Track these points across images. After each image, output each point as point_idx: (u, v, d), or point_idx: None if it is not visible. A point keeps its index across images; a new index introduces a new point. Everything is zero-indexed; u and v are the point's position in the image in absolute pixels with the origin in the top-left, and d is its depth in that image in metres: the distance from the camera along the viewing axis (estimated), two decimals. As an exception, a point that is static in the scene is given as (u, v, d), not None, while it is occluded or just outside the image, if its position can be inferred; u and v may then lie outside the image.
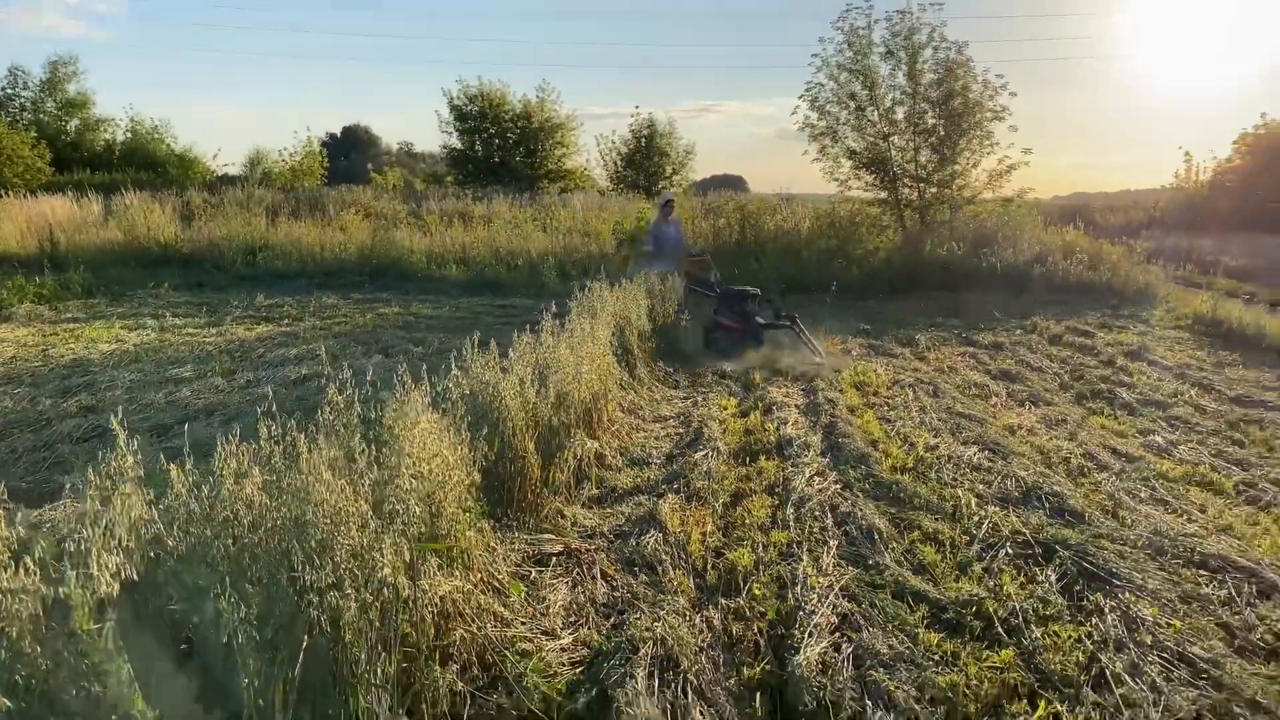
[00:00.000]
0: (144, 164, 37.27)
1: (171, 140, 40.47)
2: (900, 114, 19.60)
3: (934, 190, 19.86)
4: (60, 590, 2.01)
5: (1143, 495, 5.68)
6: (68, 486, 2.54)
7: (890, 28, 19.13)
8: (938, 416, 7.50)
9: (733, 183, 53.10)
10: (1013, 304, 14.45)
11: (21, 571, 2.00)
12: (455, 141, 35.49)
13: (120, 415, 2.65)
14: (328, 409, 3.37)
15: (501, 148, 34.84)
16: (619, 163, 37.23)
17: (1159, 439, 6.99)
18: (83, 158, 37.68)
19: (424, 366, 4.35)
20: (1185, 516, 5.31)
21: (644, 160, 36.85)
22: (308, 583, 2.46)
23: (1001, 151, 19.17)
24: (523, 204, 24.60)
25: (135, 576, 2.20)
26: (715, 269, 12.17)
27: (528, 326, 5.93)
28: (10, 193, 24.04)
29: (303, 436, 2.98)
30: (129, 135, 40.42)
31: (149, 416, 7.15)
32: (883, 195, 20.14)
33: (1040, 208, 28.60)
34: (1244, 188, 33.60)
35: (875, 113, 19.63)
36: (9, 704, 1.83)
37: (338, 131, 70.62)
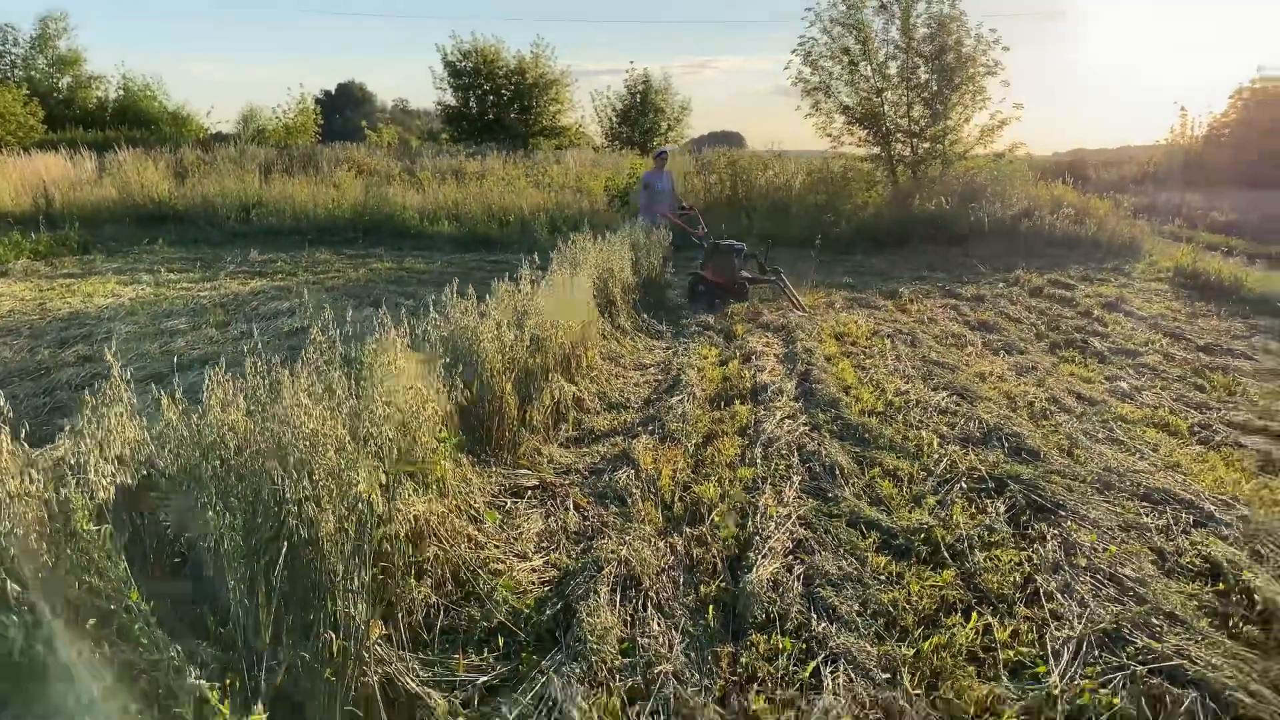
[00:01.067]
0: (137, 122, 37.13)
1: (164, 98, 40.26)
2: (893, 69, 19.65)
3: (927, 145, 19.95)
4: (62, 494, 2.25)
5: (1100, 436, 5.93)
6: (66, 428, 2.74)
7: (884, -20, 19.11)
8: (912, 365, 7.74)
9: (730, 139, 52.85)
10: (999, 258, 14.65)
11: (26, 479, 2.24)
12: (450, 98, 35.34)
13: (114, 349, 2.87)
14: (310, 348, 3.61)
15: (496, 104, 34.70)
16: (614, 119, 37.15)
17: (1124, 385, 7.23)
18: (75, 115, 37.50)
19: (404, 314, 4.57)
20: (1137, 455, 5.56)
21: (639, 117, 36.76)
22: (287, 497, 2.70)
23: (994, 107, 19.27)
24: (517, 161, 24.66)
25: (131, 482, 2.44)
26: (702, 222, 12.28)
27: (507, 276, 6.15)
28: (4, 150, 24.07)
29: (287, 372, 3.21)
30: (121, 93, 40.18)
31: (144, 365, 7.37)
32: (875, 151, 20.23)
33: (1039, 163, 28.71)
34: (1238, 143, 33.63)
35: (868, 67, 19.65)
36: (18, 588, 2.07)
37: (332, 89, 70.20)
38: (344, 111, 63.39)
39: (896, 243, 16.28)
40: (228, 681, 2.41)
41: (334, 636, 2.66)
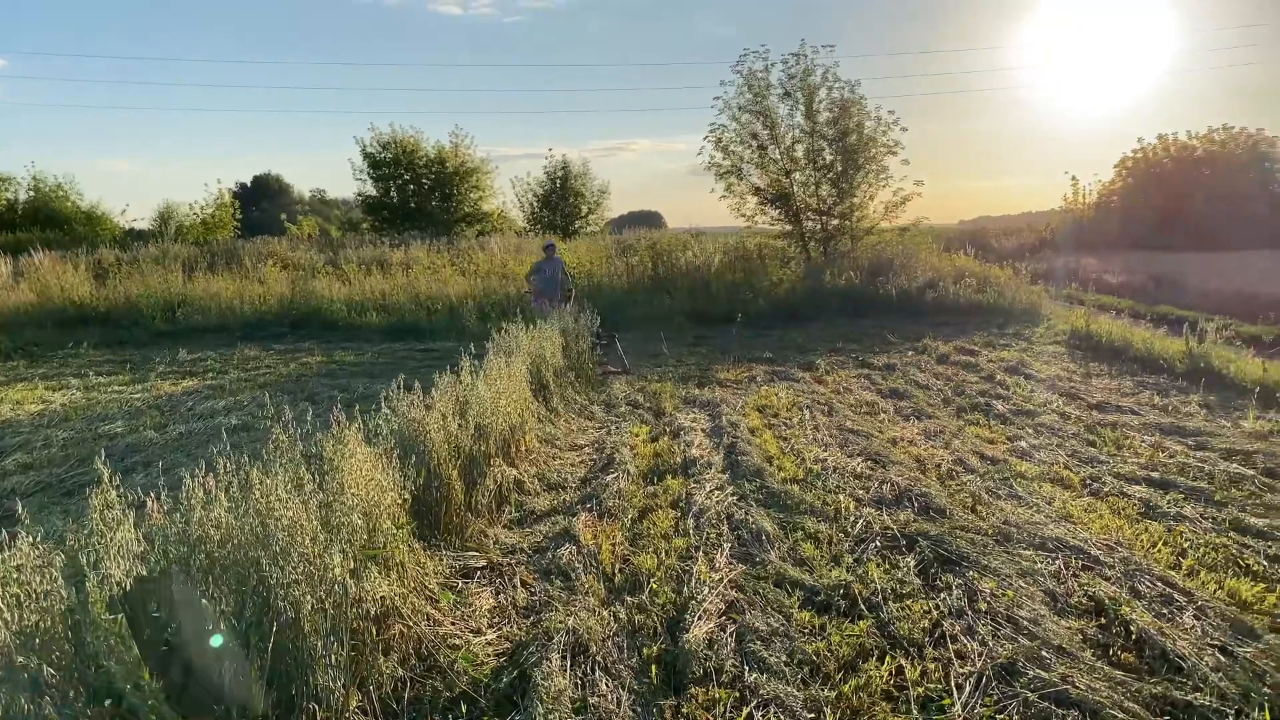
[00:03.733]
0: (49, 222, 36.60)
1: (77, 197, 39.83)
2: (800, 151, 20.74)
3: (835, 222, 21.00)
4: (78, 590, 2.54)
5: (1001, 493, 6.46)
6: (22, 534, 3.00)
7: (786, 70, 20.29)
8: (829, 433, 8.26)
9: (649, 219, 54.13)
10: (907, 327, 15.47)
11: (48, 579, 2.53)
12: (370, 189, 35.80)
13: (103, 456, 3.17)
14: (271, 445, 3.93)
15: (417, 193, 35.25)
16: (535, 204, 37.95)
17: (1024, 444, 7.81)
18: (-18, 219, 36.86)
19: (355, 409, 4.91)
20: (1034, 509, 6.09)
21: (560, 201, 37.62)
22: (273, 581, 3.01)
23: (896, 183, 20.44)
24: (440, 249, 25.06)
25: (144, 572, 2.74)
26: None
27: (449, 367, 6.52)
28: (-91, 257, 23.64)
29: (255, 469, 3.54)
30: (31, 193, 39.66)
31: (86, 471, 7.48)
32: (788, 228, 21.18)
33: (944, 234, 30.17)
34: (1125, 208, 35.77)
35: (776, 150, 20.73)
36: (53, 671, 2.35)
37: (249, 182, 70.21)
38: (261, 204, 63.32)
39: (811, 316, 17.05)
40: (224, 753, 2.69)
41: (317, 707, 2.96)
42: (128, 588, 2.82)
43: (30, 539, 2.64)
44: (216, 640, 2.83)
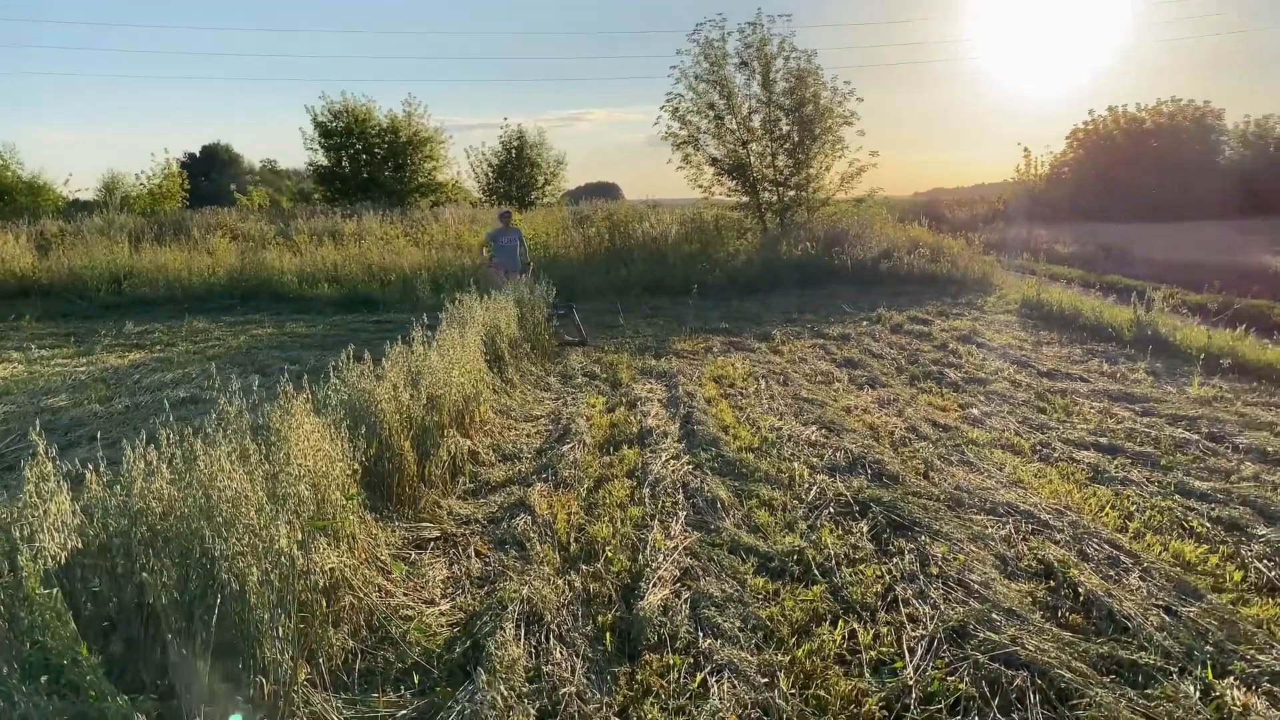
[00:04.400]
0: (-11, 192, 35.63)
1: (18, 167, 38.69)
2: (757, 121, 20.73)
3: (792, 193, 21.03)
4: (11, 565, 2.46)
5: (953, 459, 6.53)
6: None
7: (743, 39, 20.21)
8: (785, 402, 8.29)
9: (606, 190, 53.84)
10: (862, 298, 15.58)
11: (-23, 552, 2.45)
12: (321, 158, 35.13)
13: (38, 428, 3.08)
14: (214, 416, 3.85)
15: (370, 163, 34.70)
16: (490, 175, 37.57)
17: (975, 411, 7.90)
18: (-80, 188, 35.76)
19: (304, 379, 4.82)
20: (985, 474, 6.16)
21: (515, 171, 37.29)
22: (217, 553, 2.94)
23: (851, 154, 20.50)
24: (394, 219, 24.74)
25: (80, 545, 2.66)
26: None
27: (400, 338, 6.43)
28: None
29: (199, 440, 3.45)
30: (-29, 163, 38.52)
31: (27, 446, 7.28)
32: (744, 199, 21.17)
33: (899, 205, 30.36)
34: (1076, 179, 36.21)
35: (733, 121, 20.68)
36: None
37: (197, 152, 68.69)
38: (210, 174, 62.04)
39: (768, 287, 17.09)
40: (169, 728, 2.64)
41: (265, 680, 2.91)
42: (63, 561, 2.74)
43: (-40, 512, 2.56)
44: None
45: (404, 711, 3.33)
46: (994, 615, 3.98)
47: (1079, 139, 37.90)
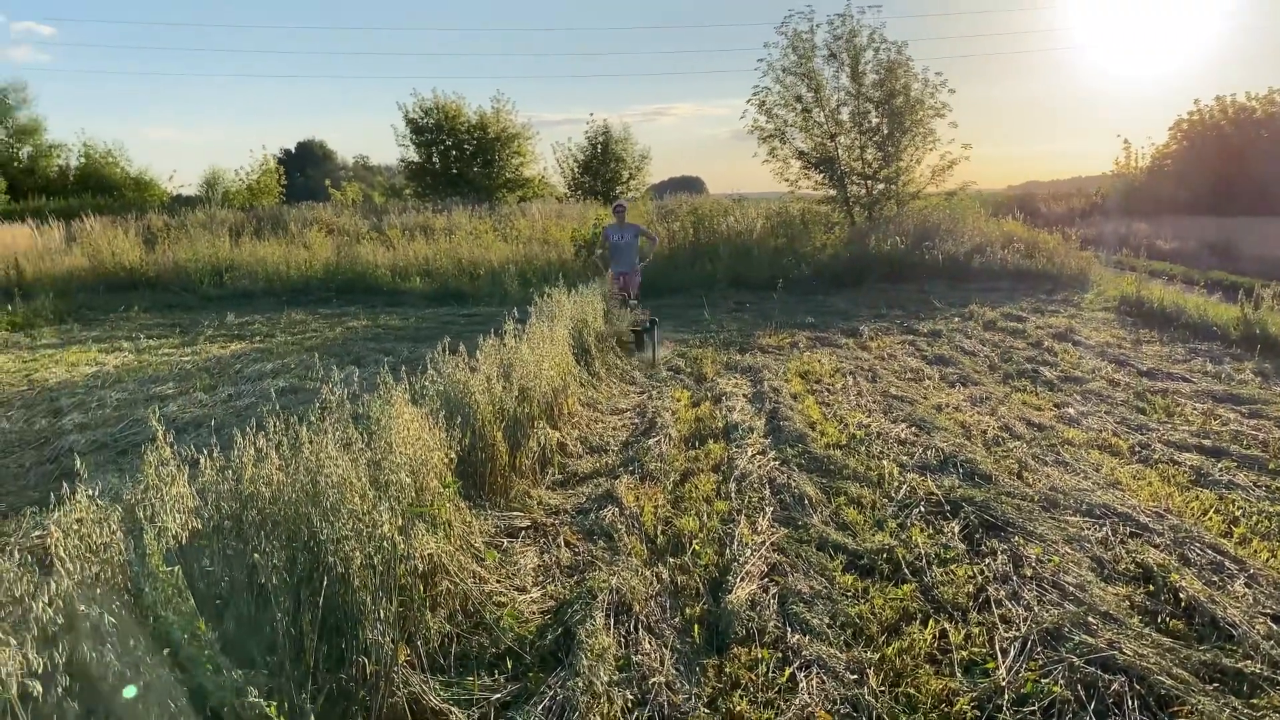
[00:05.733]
0: (100, 188, 37.27)
1: (126, 163, 40.45)
2: (845, 114, 20.47)
3: (881, 187, 20.73)
4: (136, 543, 2.61)
5: (1047, 460, 6.39)
6: (81, 489, 3.07)
7: (831, 31, 19.97)
8: (873, 399, 8.21)
9: (691, 184, 53.72)
10: (953, 293, 15.28)
11: (106, 531, 2.60)
12: (413, 154, 35.86)
13: (157, 415, 3.24)
14: (316, 405, 4.00)
15: (459, 159, 35.26)
16: (576, 170, 37.82)
17: (1071, 411, 7.71)
18: (37, 184, 37.63)
19: (401, 370, 4.96)
20: (1081, 475, 6.02)
21: (600, 166, 37.47)
22: (324, 537, 3.07)
23: (943, 147, 20.10)
24: (482, 214, 25.13)
25: (200, 525, 2.81)
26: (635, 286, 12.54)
27: (492, 331, 6.56)
28: (-34, 224, 24.22)
29: (304, 428, 3.59)
30: (83, 160, 40.35)
31: (140, 431, 7.65)
32: (832, 193, 20.94)
33: (992, 199, 29.70)
34: (1179, 172, 34.83)
35: (821, 114, 20.44)
36: (113, 621, 2.42)
37: (293, 148, 70.76)
38: (305, 169, 63.79)
39: (855, 282, 16.89)
40: (278, 701, 2.76)
41: (366, 660, 3.02)
42: (183, 541, 2.89)
43: (89, 493, 2.71)
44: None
45: (498, 695, 3.42)
46: (1090, 618, 3.90)
47: (1183, 130, 36.39)
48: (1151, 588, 4.32)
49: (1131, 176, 36.37)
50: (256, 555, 2.91)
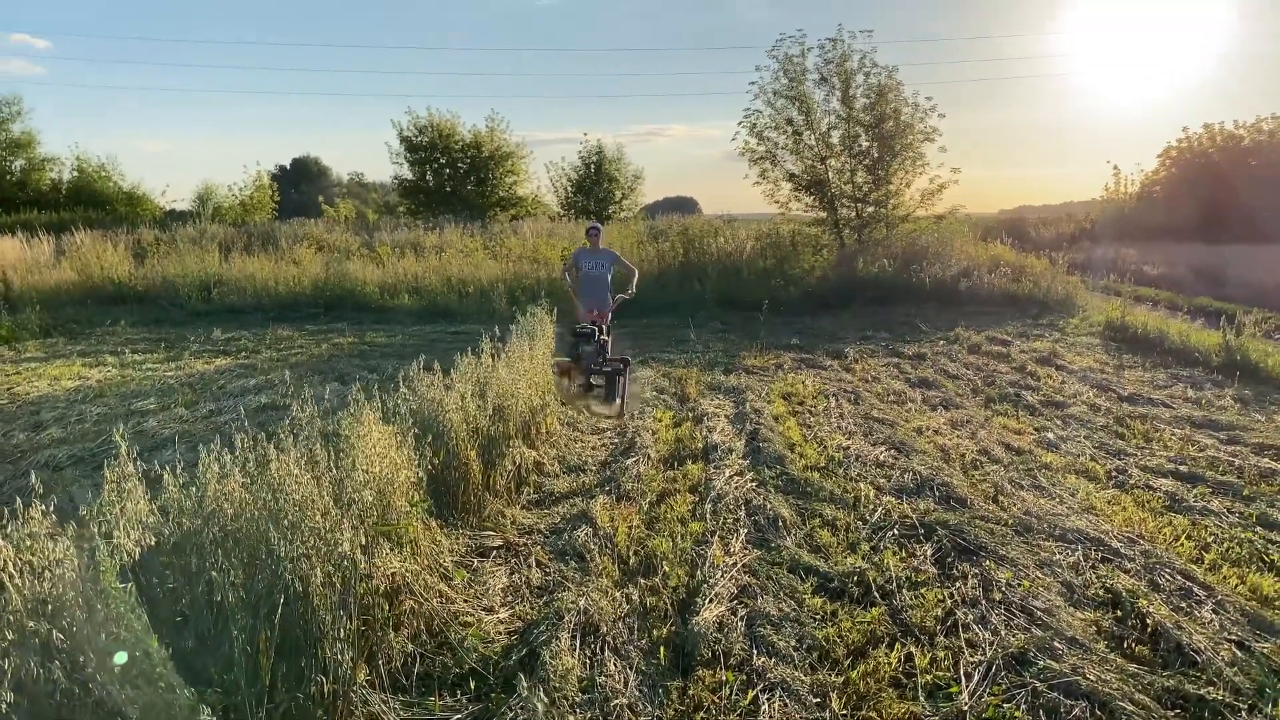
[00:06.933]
0: (91, 202, 37.21)
1: (119, 178, 40.39)
2: (836, 137, 20.51)
3: (870, 209, 20.78)
4: (93, 555, 2.60)
5: (1024, 484, 6.40)
6: (35, 504, 3.05)
7: (823, 55, 20.04)
8: (854, 422, 8.22)
9: (684, 205, 53.92)
10: (940, 316, 15.35)
11: (59, 548, 2.59)
12: (406, 172, 35.92)
13: (128, 431, 3.23)
14: (288, 423, 3.99)
15: (452, 177, 35.34)
16: (569, 189, 37.90)
17: (1051, 435, 7.73)
18: (28, 197, 37.58)
19: (376, 388, 4.97)
20: (1057, 500, 6.04)
21: (594, 186, 37.55)
22: (282, 554, 3.06)
23: (933, 171, 20.19)
24: (474, 232, 25.15)
25: (154, 542, 2.81)
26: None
27: (469, 349, 6.57)
28: (-45, 236, 24.17)
29: (271, 446, 3.59)
30: (75, 174, 40.32)
31: (115, 446, 7.61)
32: (822, 215, 21.01)
33: (982, 222, 29.78)
34: (1168, 198, 35.04)
35: (812, 137, 20.50)
36: (63, 638, 2.41)
37: (287, 164, 70.88)
38: (300, 186, 63.87)
39: (842, 304, 16.94)
40: (234, 719, 2.75)
41: (324, 679, 3.01)
42: (138, 557, 2.88)
43: (42, 508, 2.70)
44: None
45: (459, 716, 3.41)
46: (1056, 643, 3.90)
47: (1172, 157, 36.65)
48: (1119, 613, 4.33)
49: (1121, 202, 36.59)
50: (214, 573, 2.90)
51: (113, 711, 2.47)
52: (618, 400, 8.75)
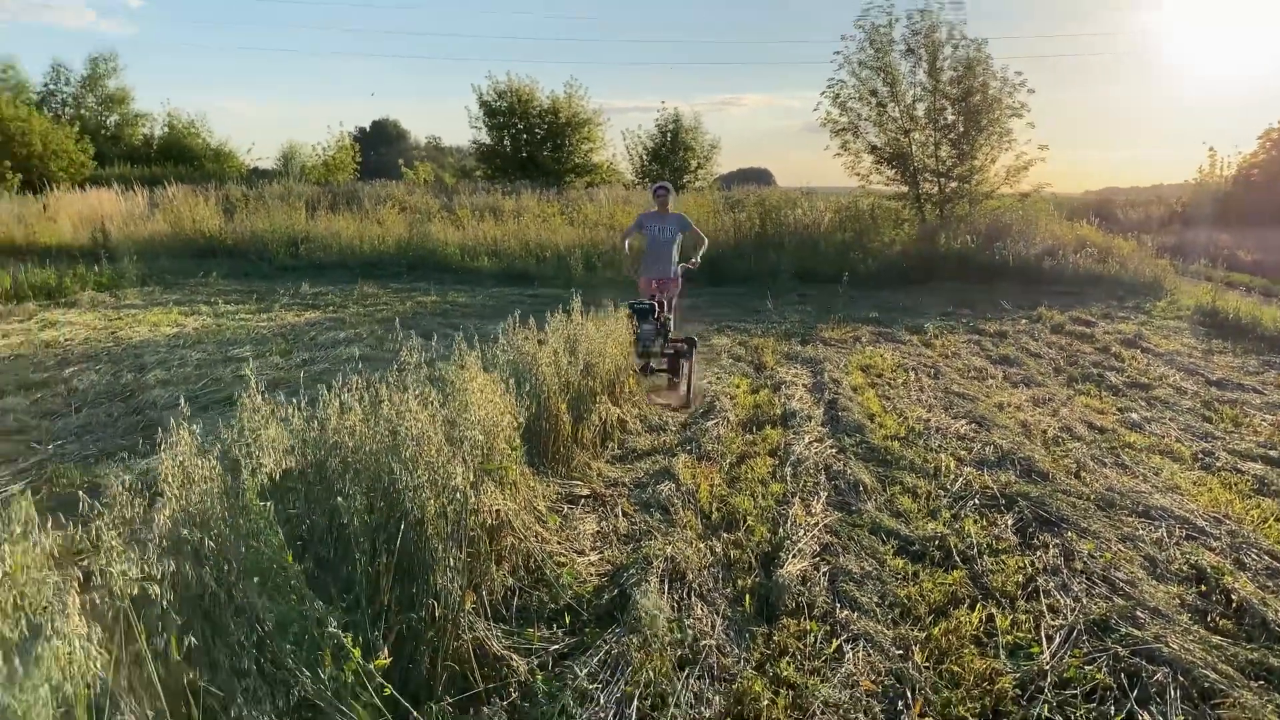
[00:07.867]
0: (181, 158, 38.48)
1: (208, 135, 41.66)
2: (920, 110, 20.21)
3: (954, 185, 20.46)
4: (234, 477, 2.83)
5: (1106, 461, 6.38)
6: (182, 428, 3.26)
7: (910, 26, 19.72)
8: (934, 395, 8.23)
9: (759, 176, 53.41)
10: (1023, 295, 15.11)
11: (206, 465, 2.82)
12: (485, 137, 36.18)
13: (252, 364, 3.46)
14: (395, 367, 4.21)
15: (530, 143, 35.53)
16: (645, 157, 37.87)
17: (1135, 416, 7.65)
18: (121, 152, 38.91)
19: (475, 340, 5.16)
20: (1140, 478, 6.01)
21: (669, 155, 37.46)
22: (402, 485, 3.26)
23: (1019, 147, 19.77)
24: (550, 198, 25.36)
25: (293, 465, 3.03)
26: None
27: (560, 308, 6.74)
28: (59, 186, 25.19)
29: (384, 386, 3.79)
30: (166, 130, 41.67)
31: (219, 390, 8.00)
32: (903, 189, 20.76)
33: (1068, 202, 29.10)
34: (1267, 182, 33.77)
35: (896, 109, 20.24)
36: (212, 543, 2.64)
37: (367, 126, 71.85)
38: (379, 148, 64.74)
39: (922, 279, 16.79)
40: (351, 635, 2.95)
41: (435, 604, 3.21)
42: (277, 478, 3.11)
43: (189, 430, 2.93)
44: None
45: (556, 646, 3.60)
46: (1138, 612, 3.94)
47: (1272, 139, 35.27)
48: (1204, 588, 4.34)
49: (1215, 185, 35.39)
50: (340, 498, 3.10)
51: (252, 617, 2.68)
52: (683, 387, 8.14)
